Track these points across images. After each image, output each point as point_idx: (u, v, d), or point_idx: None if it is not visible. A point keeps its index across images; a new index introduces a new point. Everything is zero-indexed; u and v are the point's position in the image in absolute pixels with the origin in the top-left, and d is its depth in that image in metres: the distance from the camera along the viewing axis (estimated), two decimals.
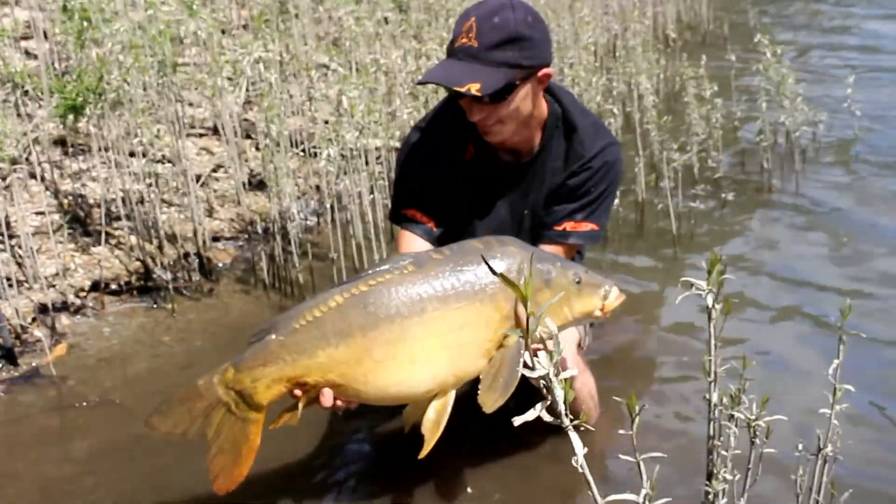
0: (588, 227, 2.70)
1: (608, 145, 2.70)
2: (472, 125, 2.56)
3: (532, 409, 1.37)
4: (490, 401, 2.14)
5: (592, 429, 2.41)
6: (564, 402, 1.35)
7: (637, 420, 1.47)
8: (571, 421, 1.37)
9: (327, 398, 2.19)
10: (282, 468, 2.71)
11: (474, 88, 2.39)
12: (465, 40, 2.42)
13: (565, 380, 1.37)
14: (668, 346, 3.32)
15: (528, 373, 1.38)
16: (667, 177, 4.31)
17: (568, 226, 2.69)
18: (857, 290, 3.63)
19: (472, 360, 2.21)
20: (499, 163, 2.71)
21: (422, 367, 2.18)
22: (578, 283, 2.31)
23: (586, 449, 1.42)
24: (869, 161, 5.18)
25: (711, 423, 2.00)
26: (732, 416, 1.97)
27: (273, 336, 2.18)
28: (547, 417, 1.38)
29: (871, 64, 7.21)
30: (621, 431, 2.39)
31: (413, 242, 2.70)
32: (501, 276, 1.36)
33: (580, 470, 1.37)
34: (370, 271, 2.22)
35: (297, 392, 2.21)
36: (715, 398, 1.99)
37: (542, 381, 1.36)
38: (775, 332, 3.39)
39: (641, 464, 1.49)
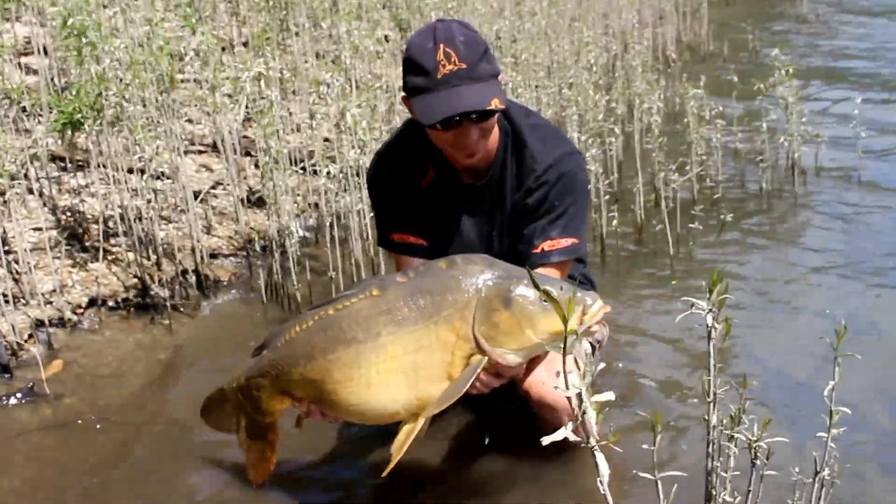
0: (566, 242, 2.59)
1: (563, 156, 2.61)
2: (431, 151, 2.58)
3: (563, 429, 1.38)
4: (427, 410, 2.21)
5: (620, 450, 2.39)
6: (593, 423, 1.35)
7: (659, 439, 1.45)
8: (598, 441, 1.37)
9: (313, 412, 2.35)
10: (293, 475, 2.72)
11: (497, 102, 2.37)
12: (451, 67, 2.36)
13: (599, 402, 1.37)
14: (667, 366, 3.30)
15: (562, 392, 1.38)
16: (664, 198, 4.30)
17: (545, 245, 2.59)
18: (854, 313, 3.62)
19: (431, 382, 2.20)
20: (459, 186, 2.67)
21: (379, 390, 2.22)
22: (545, 301, 2.18)
23: (610, 471, 1.42)
24: (870, 184, 5.17)
25: (710, 444, 1.98)
26: (732, 437, 1.96)
27: (265, 351, 2.36)
28: (573, 437, 1.38)
29: (874, 82, 7.23)
30: (645, 446, 2.40)
31: (412, 264, 2.63)
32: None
33: (602, 491, 1.36)
34: (341, 295, 2.31)
35: (295, 403, 2.36)
36: (714, 419, 1.98)
37: (574, 400, 1.36)
38: (774, 354, 3.37)
39: (660, 483, 1.47)
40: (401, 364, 2.20)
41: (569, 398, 1.34)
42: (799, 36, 9.26)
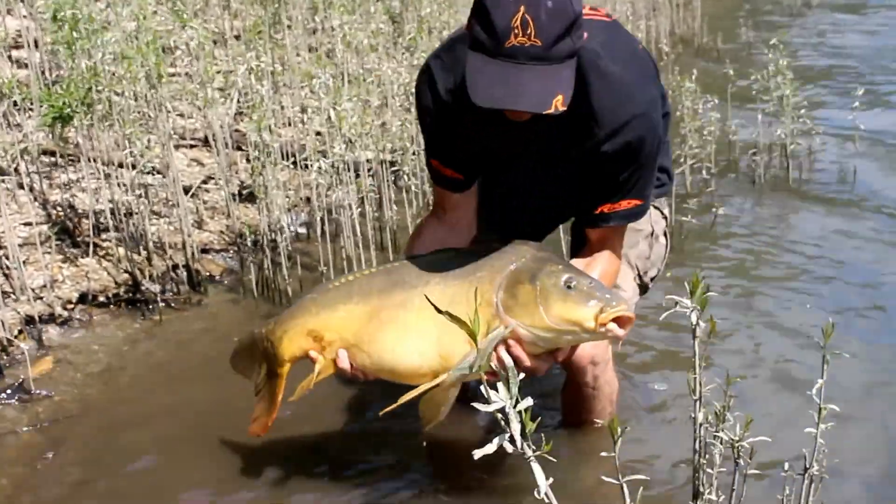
0: (629, 203, 2.42)
1: (629, 121, 2.30)
2: None
3: (491, 443, 1.36)
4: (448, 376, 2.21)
5: (553, 459, 2.39)
6: (523, 434, 1.33)
7: (619, 443, 1.44)
8: (533, 451, 1.35)
9: (342, 359, 2.33)
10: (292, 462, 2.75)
11: (559, 103, 2.07)
12: (522, 39, 2.03)
13: (524, 410, 1.35)
14: (656, 363, 3.30)
15: (482, 407, 1.36)
16: None
17: (605, 208, 2.42)
18: (845, 308, 3.62)
19: (455, 341, 2.17)
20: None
21: (413, 336, 2.28)
22: (569, 287, 2.15)
23: (551, 479, 1.41)
24: (865, 176, 5.17)
25: (696, 441, 1.99)
26: (717, 435, 1.96)
27: (309, 295, 2.46)
28: (509, 448, 1.36)
29: (870, 73, 7.23)
30: (603, 454, 2.41)
31: (445, 199, 2.56)
32: (446, 312, 1.43)
33: (546, 500, 1.35)
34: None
35: (314, 354, 2.37)
36: (700, 417, 1.98)
37: (498, 414, 1.34)
38: (763, 350, 3.38)
39: (625, 486, 1.47)
40: (436, 315, 2.20)
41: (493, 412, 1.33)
42: (793, 28, 9.23)
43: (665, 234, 2.86)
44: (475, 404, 1.37)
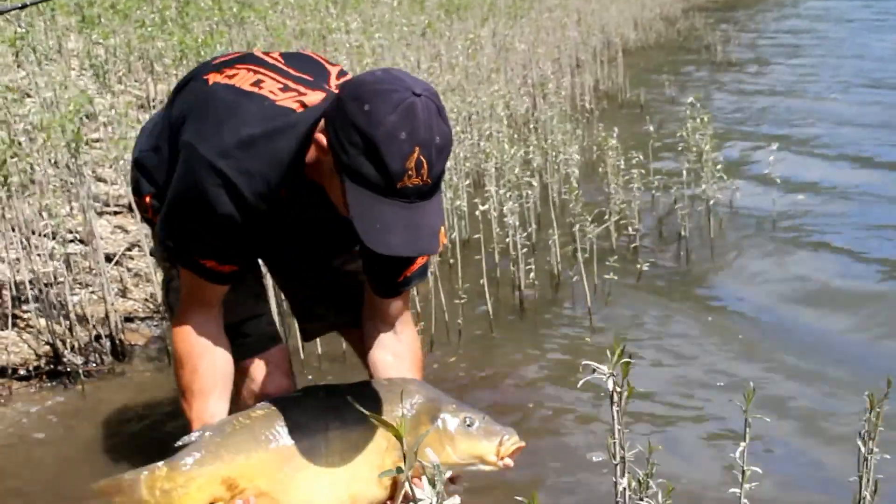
0: (421, 260, 2.43)
1: None
2: (291, 173, 2.21)
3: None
4: None
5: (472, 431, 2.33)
6: None
7: None
8: None
9: None
10: None
11: (442, 237, 2.11)
12: (416, 180, 1.98)
13: None
14: (579, 424, 3.32)
15: None
16: (579, 249, 4.34)
17: (407, 272, 2.43)
18: (768, 361, 3.69)
19: (365, 482, 2.25)
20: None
21: (325, 483, 2.25)
22: (469, 426, 2.27)
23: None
24: (784, 226, 5.30)
25: None
26: (642, 500, 1.98)
27: (209, 435, 2.21)
28: None
29: (789, 124, 7.44)
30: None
31: (216, 293, 2.36)
32: (372, 415, 1.39)
33: None
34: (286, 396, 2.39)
35: (223, 500, 2.21)
36: (624, 483, 2.00)
37: None
38: (687, 409, 3.41)
39: None
40: (343, 458, 2.26)
41: None
42: (713, 83, 9.47)
43: None
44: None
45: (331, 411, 2.27)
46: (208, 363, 2.34)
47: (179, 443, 2.20)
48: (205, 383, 2.33)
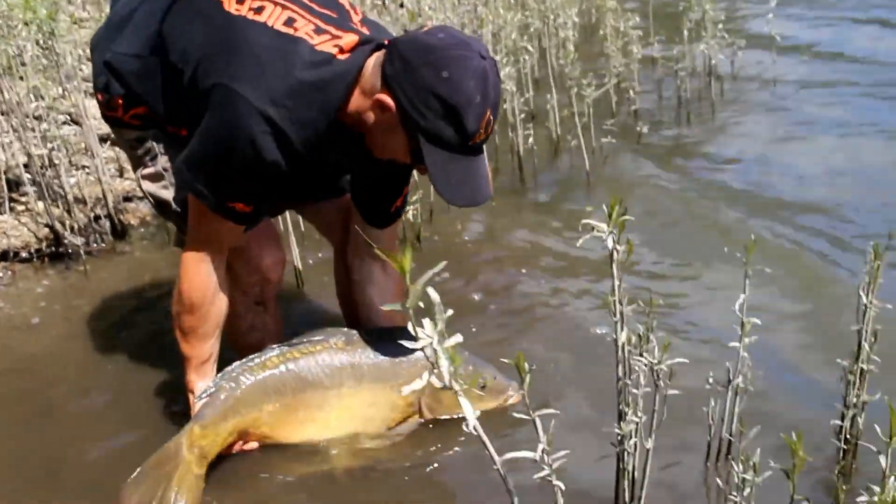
0: (405, 191, 2.60)
1: None
2: (335, 132, 2.27)
3: (419, 379, 1.38)
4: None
5: (482, 393, 2.49)
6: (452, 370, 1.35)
7: (528, 378, 1.46)
8: (461, 386, 1.37)
9: (252, 446, 2.45)
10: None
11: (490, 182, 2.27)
12: (483, 136, 2.16)
13: (452, 346, 1.36)
14: (581, 288, 3.33)
15: (411, 344, 1.37)
16: (577, 113, 4.29)
17: (399, 202, 2.59)
18: (768, 226, 3.67)
19: (375, 433, 2.49)
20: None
21: (332, 432, 2.47)
22: (483, 387, 2.49)
23: (478, 412, 1.44)
24: (785, 87, 5.22)
25: (619, 364, 2.02)
26: (641, 355, 2.00)
27: (226, 393, 2.38)
28: (437, 383, 1.37)
29: None
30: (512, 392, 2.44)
31: (235, 235, 2.40)
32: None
33: (474, 433, 1.37)
34: (305, 340, 2.46)
35: (243, 443, 2.45)
36: (623, 338, 2.01)
37: (427, 350, 1.35)
38: (687, 269, 3.41)
39: (538, 420, 1.48)
40: (355, 414, 2.46)
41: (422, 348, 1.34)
42: None
43: None
44: (405, 342, 1.39)
45: (346, 368, 2.44)
46: (216, 310, 2.44)
47: (202, 395, 2.38)
48: (209, 328, 2.44)
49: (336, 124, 2.24)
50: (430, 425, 2.53)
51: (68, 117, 4.06)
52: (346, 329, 2.54)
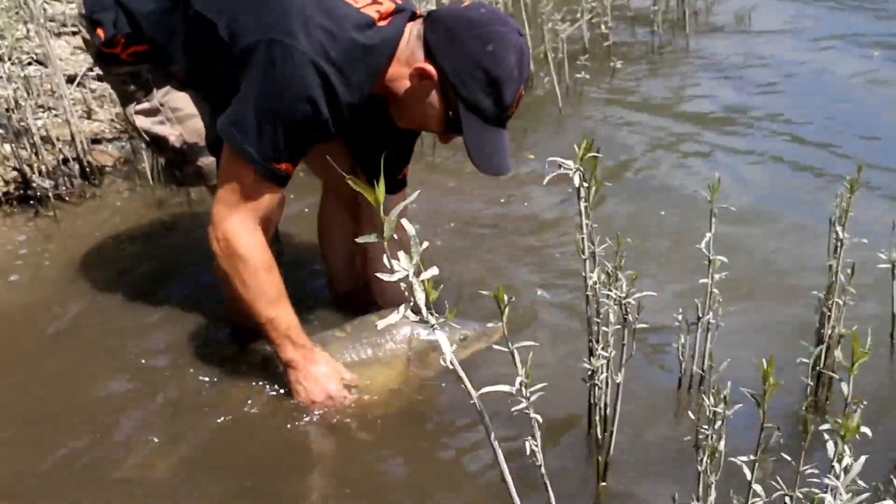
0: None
1: None
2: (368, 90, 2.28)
3: (395, 312, 1.36)
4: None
5: (458, 326, 2.51)
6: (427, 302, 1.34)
7: (507, 312, 1.45)
8: (437, 319, 1.36)
9: None
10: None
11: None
12: (514, 109, 2.25)
13: (427, 280, 1.35)
14: (546, 227, 3.34)
15: (386, 277, 1.35)
16: (550, 49, 4.26)
17: (406, 170, 2.68)
18: (734, 166, 3.68)
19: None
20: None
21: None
22: (463, 340, 2.53)
23: (454, 346, 1.44)
24: (760, 31, 5.20)
25: (588, 301, 2.03)
26: (608, 293, 2.01)
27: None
28: (412, 317, 1.37)
29: None
30: (490, 325, 2.44)
31: (274, 200, 2.36)
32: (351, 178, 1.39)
33: (450, 367, 1.37)
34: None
35: None
36: (594, 277, 2.02)
37: (402, 284, 1.34)
38: (654, 207, 3.42)
39: (516, 353, 1.49)
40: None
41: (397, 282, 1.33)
42: None
43: None
44: (379, 274, 1.37)
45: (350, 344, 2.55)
46: (276, 270, 2.38)
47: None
48: (283, 287, 2.39)
49: (372, 89, 2.28)
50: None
51: (32, 58, 3.98)
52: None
